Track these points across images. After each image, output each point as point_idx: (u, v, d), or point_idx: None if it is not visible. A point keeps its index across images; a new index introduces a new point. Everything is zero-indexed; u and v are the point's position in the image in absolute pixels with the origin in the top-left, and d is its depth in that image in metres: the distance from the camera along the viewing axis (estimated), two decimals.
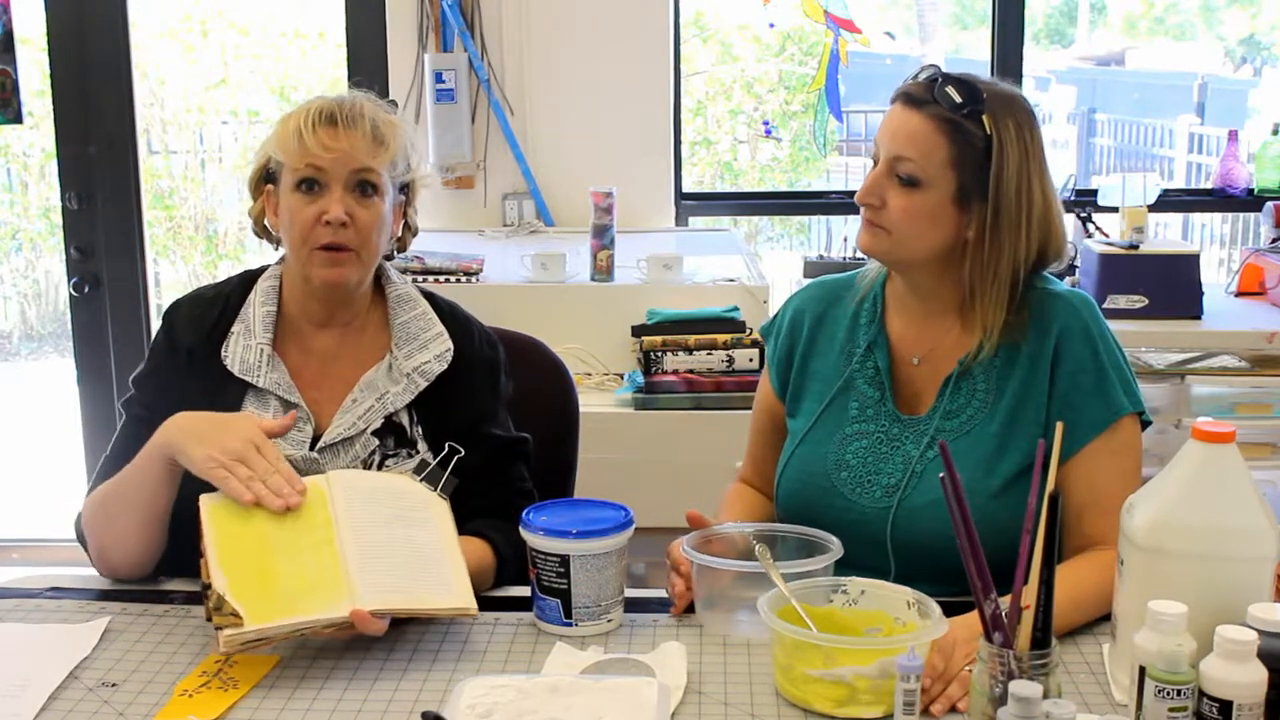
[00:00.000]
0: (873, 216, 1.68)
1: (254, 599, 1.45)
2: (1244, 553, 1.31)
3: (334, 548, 1.51)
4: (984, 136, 1.63)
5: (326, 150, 1.69)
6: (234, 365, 1.73)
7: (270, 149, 1.74)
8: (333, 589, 1.47)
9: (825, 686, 1.35)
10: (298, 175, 1.70)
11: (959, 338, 1.72)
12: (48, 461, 5.12)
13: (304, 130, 1.69)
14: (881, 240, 1.68)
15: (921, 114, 1.64)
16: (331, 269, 1.71)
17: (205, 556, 1.49)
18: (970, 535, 1.25)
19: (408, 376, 1.75)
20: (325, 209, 1.69)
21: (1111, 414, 1.65)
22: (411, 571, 1.52)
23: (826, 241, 6.08)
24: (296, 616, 1.44)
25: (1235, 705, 1.19)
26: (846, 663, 1.34)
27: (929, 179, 1.64)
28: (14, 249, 6.67)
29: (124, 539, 1.66)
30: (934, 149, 1.63)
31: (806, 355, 1.83)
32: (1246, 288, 3.37)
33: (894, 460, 1.71)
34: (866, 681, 1.34)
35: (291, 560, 1.49)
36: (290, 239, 1.73)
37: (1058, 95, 8.28)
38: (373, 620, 1.45)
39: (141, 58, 4.20)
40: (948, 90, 1.63)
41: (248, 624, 1.42)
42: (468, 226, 3.63)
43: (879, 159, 1.68)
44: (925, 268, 1.71)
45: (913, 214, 1.65)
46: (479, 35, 3.56)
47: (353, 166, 1.70)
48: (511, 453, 1.82)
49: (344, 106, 1.72)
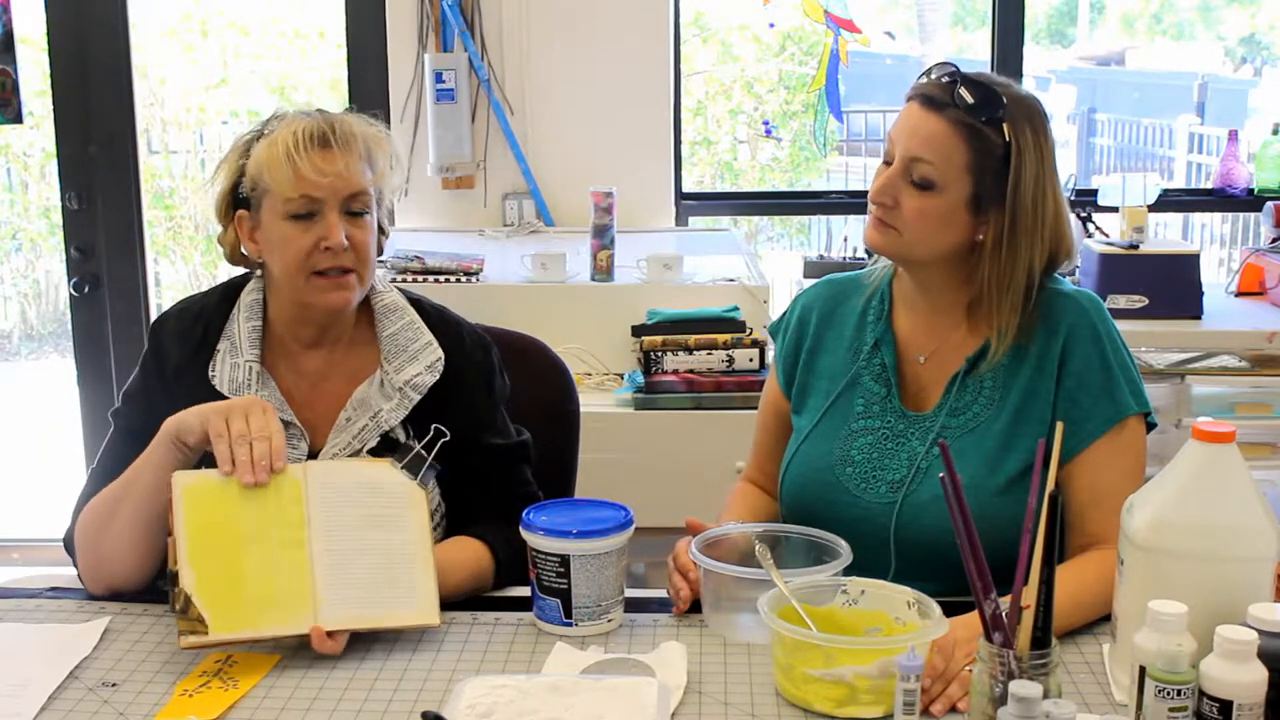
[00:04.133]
0: (884, 215, 1.67)
1: (219, 605, 1.47)
2: (1244, 553, 1.31)
3: (303, 552, 1.52)
4: (1003, 144, 1.63)
5: (322, 175, 1.63)
6: (222, 385, 1.69)
7: (252, 172, 1.66)
8: (297, 602, 1.49)
9: (825, 686, 1.35)
10: (291, 206, 1.64)
11: (966, 336, 1.72)
12: (47, 461, 5.12)
13: (296, 156, 1.62)
14: (891, 239, 1.67)
15: (940, 116, 1.63)
16: (336, 293, 1.68)
17: (174, 538, 1.49)
18: (970, 535, 1.25)
19: (400, 391, 1.71)
20: (322, 235, 1.64)
21: (1117, 414, 1.65)
22: (378, 583, 1.53)
23: (826, 241, 6.08)
24: (259, 630, 1.48)
25: (1235, 705, 1.19)
26: (846, 663, 1.34)
27: (945, 183, 1.63)
28: (14, 249, 6.67)
29: (122, 545, 1.62)
30: (952, 153, 1.63)
31: (813, 352, 1.83)
32: (1246, 288, 3.37)
33: (899, 456, 1.71)
34: (867, 681, 1.34)
35: (260, 559, 1.50)
36: (284, 266, 1.67)
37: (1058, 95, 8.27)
38: (329, 641, 1.47)
39: (141, 58, 4.20)
40: (967, 94, 1.63)
41: (211, 633, 1.46)
42: (468, 226, 3.63)
43: (893, 158, 1.67)
44: (934, 267, 1.71)
45: (926, 216, 1.64)
46: (479, 35, 3.56)
47: (347, 192, 1.65)
48: (512, 457, 1.80)
49: (335, 127, 1.66)
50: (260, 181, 1.66)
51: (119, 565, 1.64)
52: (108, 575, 1.65)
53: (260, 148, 1.67)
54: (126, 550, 1.62)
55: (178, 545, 1.49)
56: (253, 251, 1.72)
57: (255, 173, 1.66)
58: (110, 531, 1.62)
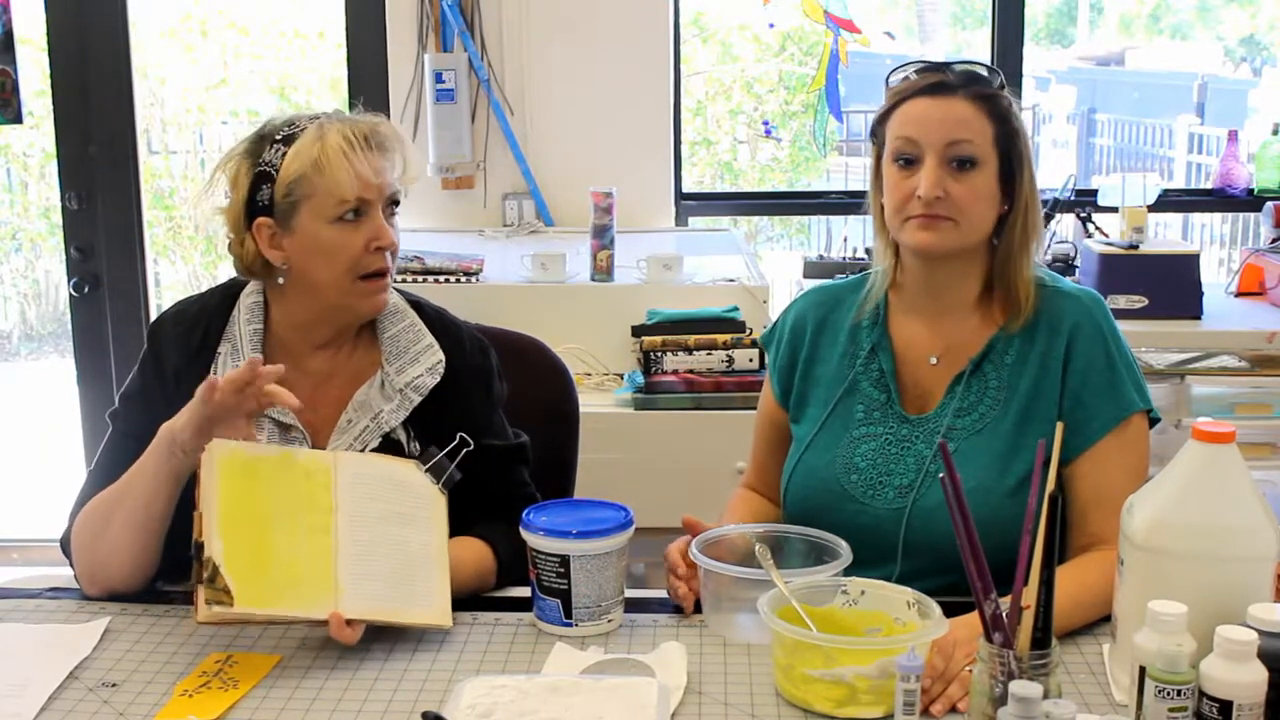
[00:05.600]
0: (935, 210, 1.65)
1: (246, 578, 1.46)
2: (1244, 553, 1.31)
3: (329, 539, 1.52)
4: (1008, 108, 1.68)
5: (376, 175, 1.65)
6: None
7: (287, 177, 1.64)
8: (320, 587, 1.49)
9: (825, 687, 1.35)
10: (346, 207, 1.64)
11: (974, 333, 1.73)
12: (47, 461, 5.12)
13: (352, 156, 1.63)
14: (949, 233, 1.67)
15: (956, 98, 1.66)
16: (379, 296, 1.70)
17: (201, 511, 1.48)
18: (970, 535, 1.25)
19: (400, 393, 1.72)
20: (373, 235, 1.66)
21: (1122, 411, 1.66)
22: (397, 578, 1.53)
23: (826, 241, 6.08)
24: (281, 608, 1.47)
25: (1235, 705, 1.19)
26: (846, 663, 1.34)
27: (984, 157, 1.66)
28: (14, 249, 6.67)
29: (118, 549, 1.61)
30: (983, 128, 1.66)
31: (810, 361, 1.83)
32: (1246, 288, 3.37)
33: (905, 461, 1.71)
34: (867, 682, 1.34)
35: (287, 540, 1.50)
36: (331, 272, 1.66)
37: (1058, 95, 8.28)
38: (346, 629, 1.47)
39: (141, 58, 4.20)
40: (973, 71, 1.68)
41: (236, 605, 1.44)
42: (468, 226, 3.63)
43: (918, 156, 1.66)
44: (962, 259, 1.71)
45: (977, 195, 1.66)
46: (479, 35, 3.56)
47: (389, 192, 1.69)
48: (511, 459, 1.80)
49: (375, 129, 1.68)
50: (299, 186, 1.65)
51: (115, 569, 1.64)
52: (104, 579, 1.65)
53: (300, 151, 1.64)
54: (123, 554, 1.62)
55: (208, 515, 1.48)
56: (277, 259, 1.69)
57: (292, 177, 1.64)
58: (107, 535, 1.62)
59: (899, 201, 1.68)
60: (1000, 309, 1.72)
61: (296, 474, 1.55)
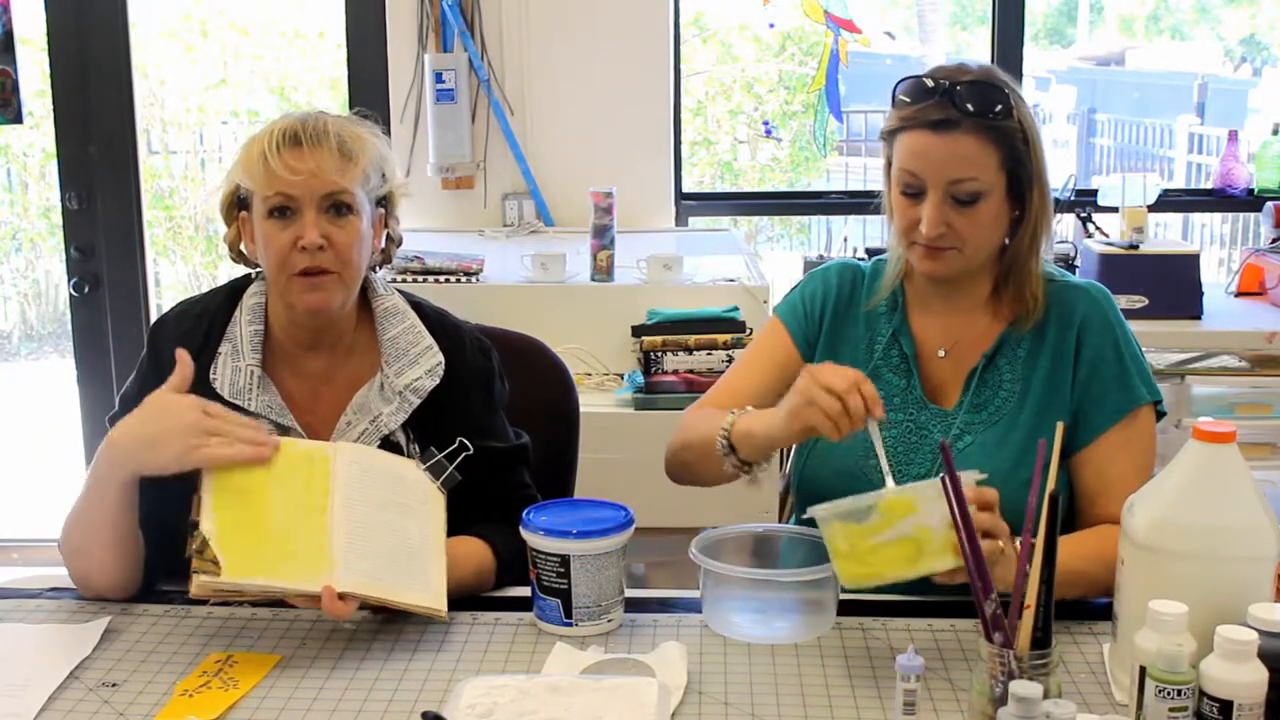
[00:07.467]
0: (938, 242, 1.65)
1: (237, 551, 1.47)
2: (1244, 553, 1.31)
3: (325, 518, 1.52)
4: (1017, 126, 1.64)
5: (294, 173, 1.63)
6: (223, 388, 1.68)
7: (237, 175, 1.69)
8: (314, 560, 1.49)
9: (893, 548, 1.37)
10: (268, 203, 1.65)
11: (985, 330, 1.74)
12: (47, 461, 5.12)
13: (269, 154, 1.63)
14: (953, 261, 1.67)
15: (957, 133, 1.62)
16: (313, 294, 1.67)
17: (200, 495, 1.50)
18: (970, 536, 1.25)
19: (400, 395, 1.71)
20: (299, 234, 1.64)
21: (1130, 403, 1.68)
22: (393, 561, 1.53)
23: (826, 241, 6.08)
24: (273, 579, 1.48)
25: (1235, 705, 1.19)
26: (904, 514, 1.37)
27: (989, 187, 1.64)
28: (14, 249, 6.67)
29: (100, 565, 1.62)
30: (986, 159, 1.63)
31: (834, 331, 1.81)
32: (1246, 288, 3.37)
33: (924, 449, 1.72)
34: (928, 531, 1.36)
35: (283, 516, 1.51)
36: (268, 267, 1.69)
37: (1058, 95, 8.28)
38: (339, 604, 1.47)
39: (141, 58, 4.20)
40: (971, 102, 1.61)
41: (224, 575, 1.45)
42: (468, 226, 3.63)
43: (919, 189, 1.64)
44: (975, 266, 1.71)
45: (981, 225, 1.65)
46: (479, 35, 3.56)
47: (323, 190, 1.65)
48: (511, 460, 1.80)
49: (307, 125, 1.66)
50: (244, 183, 1.69)
51: (101, 580, 1.64)
52: (96, 587, 1.65)
53: (244, 148, 1.69)
54: (108, 570, 1.62)
55: (205, 497, 1.50)
56: (250, 252, 1.74)
57: (240, 175, 1.69)
58: (89, 551, 1.62)
59: (905, 227, 1.68)
60: (1010, 306, 1.73)
61: (295, 458, 1.56)
